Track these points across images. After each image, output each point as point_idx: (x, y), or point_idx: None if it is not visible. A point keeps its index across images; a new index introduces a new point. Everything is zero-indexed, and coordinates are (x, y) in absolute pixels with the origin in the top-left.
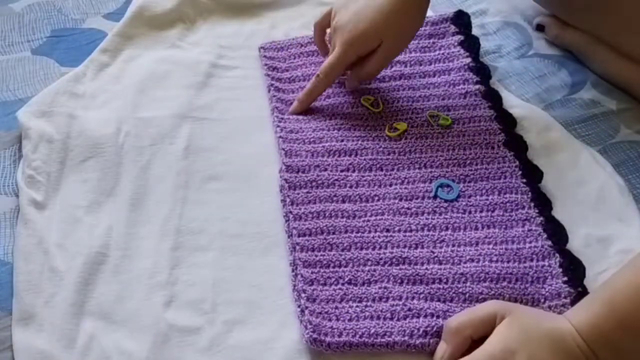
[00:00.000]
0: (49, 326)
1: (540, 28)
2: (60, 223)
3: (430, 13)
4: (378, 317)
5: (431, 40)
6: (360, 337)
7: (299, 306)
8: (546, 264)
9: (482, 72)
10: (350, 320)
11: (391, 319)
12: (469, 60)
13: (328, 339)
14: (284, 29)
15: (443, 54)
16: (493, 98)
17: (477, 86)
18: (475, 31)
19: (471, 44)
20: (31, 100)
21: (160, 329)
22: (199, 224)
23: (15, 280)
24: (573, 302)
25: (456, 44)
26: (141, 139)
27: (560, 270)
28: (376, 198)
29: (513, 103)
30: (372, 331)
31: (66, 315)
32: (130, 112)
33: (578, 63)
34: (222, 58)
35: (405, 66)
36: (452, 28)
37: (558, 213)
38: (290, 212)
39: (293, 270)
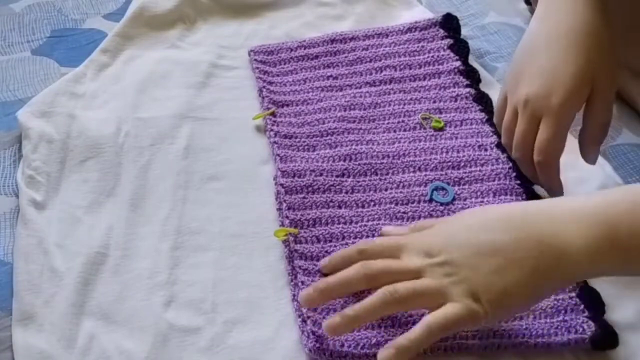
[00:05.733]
0: (49, 326)
1: None
2: (60, 223)
3: (429, 14)
4: (379, 326)
5: (420, 44)
6: (362, 347)
7: (299, 316)
8: None
9: (472, 75)
10: (351, 330)
11: (392, 326)
12: (458, 63)
13: (330, 348)
14: (284, 29)
15: (433, 57)
16: (483, 101)
17: (467, 89)
18: (475, 31)
19: (460, 48)
20: (31, 101)
21: (160, 329)
22: (199, 224)
23: (15, 280)
24: (579, 295)
25: (445, 47)
26: (141, 139)
27: None
28: (372, 203)
29: None
30: (374, 341)
31: (66, 315)
32: (130, 112)
33: None
34: (222, 58)
35: (395, 70)
36: (441, 32)
37: None
38: (287, 217)
39: (292, 280)
